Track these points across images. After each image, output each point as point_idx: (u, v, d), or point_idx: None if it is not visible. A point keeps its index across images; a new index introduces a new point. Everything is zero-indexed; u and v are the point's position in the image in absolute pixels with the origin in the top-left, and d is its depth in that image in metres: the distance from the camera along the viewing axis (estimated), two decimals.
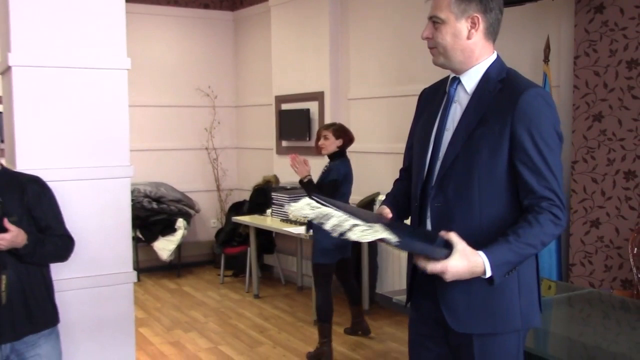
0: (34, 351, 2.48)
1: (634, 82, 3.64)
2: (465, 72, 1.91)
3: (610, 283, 3.79)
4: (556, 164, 1.81)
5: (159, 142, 7.35)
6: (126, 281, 2.98)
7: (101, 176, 2.85)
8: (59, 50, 2.82)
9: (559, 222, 1.79)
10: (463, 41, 1.87)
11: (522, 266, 1.85)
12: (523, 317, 1.88)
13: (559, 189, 1.80)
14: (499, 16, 1.90)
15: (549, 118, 1.80)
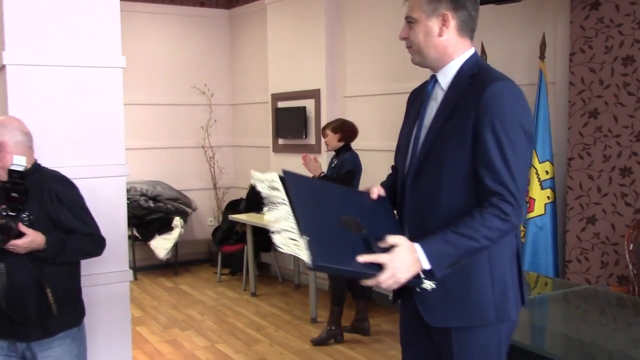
0: (46, 353, 2.48)
1: (630, 79, 3.65)
2: (441, 69, 1.94)
3: (606, 279, 3.80)
4: (516, 159, 1.77)
5: (155, 141, 7.33)
6: (122, 280, 2.98)
7: (97, 175, 2.85)
8: (53, 48, 2.81)
9: (506, 217, 1.77)
10: (435, 39, 1.90)
11: (494, 259, 1.85)
12: (497, 310, 1.87)
13: (513, 184, 1.76)
14: (473, 13, 1.91)
15: (513, 112, 1.78)
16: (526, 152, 1.81)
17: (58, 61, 2.82)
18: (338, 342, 4.72)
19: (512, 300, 1.90)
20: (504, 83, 1.81)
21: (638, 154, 3.63)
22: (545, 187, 3.98)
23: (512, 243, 1.91)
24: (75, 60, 2.85)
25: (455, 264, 1.81)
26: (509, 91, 1.80)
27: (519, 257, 1.93)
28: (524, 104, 1.82)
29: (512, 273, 1.91)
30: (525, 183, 1.83)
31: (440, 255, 1.78)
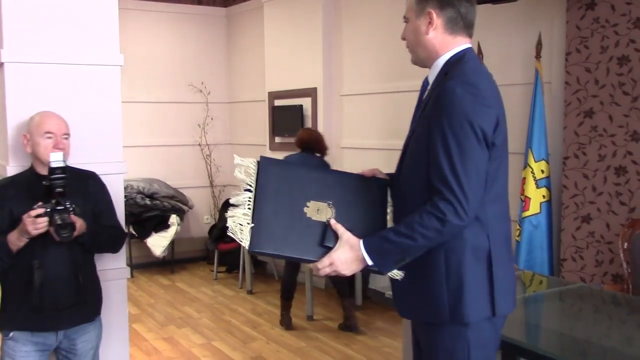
0: (84, 337, 2.66)
1: (625, 79, 3.67)
2: (431, 67, 1.98)
3: (601, 278, 3.82)
4: (462, 158, 1.76)
5: (152, 138, 7.33)
6: (120, 277, 2.99)
7: None
8: (51, 46, 2.82)
9: (443, 217, 1.75)
10: (423, 37, 1.94)
11: (450, 259, 1.84)
12: (451, 311, 1.85)
13: (455, 183, 1.75)
14: (462, 10, 1.91)
15: (462, 111, 1.76)
16: (476, 151, 1.77)
17: (56, 59, 2.82)
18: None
19: (473, 304, 1.85)
20: (457, 81, 1.81)
21: (633, 153, 3.66)
22: (541, 186, 4.00)
23: (480, 246, 1.86)
24: (74, 58, 2.85)
25: (399, 261, 1.85)
26: (462, 90, 1.78)
27: (490, 261, 1.86)
28: (478, 102, 1.78)
29: (474, 276, 1.85)
30: (474, 182, 1.77)
31: (380, 252, 1.84)
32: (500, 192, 1.92)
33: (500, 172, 1.89)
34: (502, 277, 1.89)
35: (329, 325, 5.12)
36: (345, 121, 6.02)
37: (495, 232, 1.89)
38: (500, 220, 1.92)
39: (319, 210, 1.91)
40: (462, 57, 1.92)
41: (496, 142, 1.83)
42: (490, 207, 1.87)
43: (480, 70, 1.91)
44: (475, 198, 1.78)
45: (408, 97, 5.24)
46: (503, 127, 1.86)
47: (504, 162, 1.91)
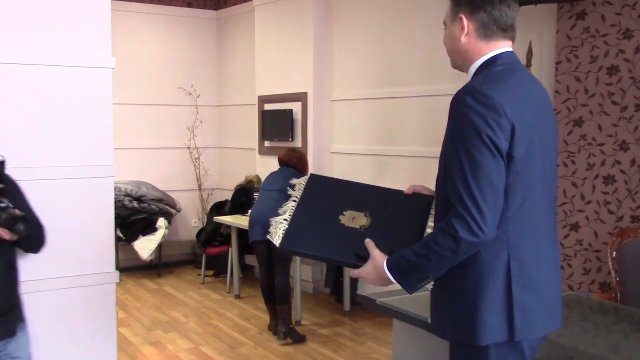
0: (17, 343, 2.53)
1: (614, 89, 3.70)
2: (468, 73, 1.91)
3: (589, 286, 3.84)
4: (474, 172, 1.68)
5: (140, 141, 7.30)
6: (108, 282, 2.97)
7: (85, 176, 2.83)
8: (43, 48, 2.80)
9: (456, 235, 1.68)
10: (457, 43, 1.89)
11: (467, 275, 1.78)
12: (464, 331, 1.79)
13: (469, 198, 1.67)
14: (496, 13, 1.84)
15: (471, 120, 1.70)
16: (489, 164, 1.68)
17: (48, 61, 2.80)
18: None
19: (486, 327, 1.76)
20: (467, 90, 1.75)
21: (621, 162, 3.68)
22: None
23: (498, 265, 1.76)
24: (66, 60, 2.83)
25: (423, 279, 1.80)
26: (471, 99, 1.71)
27: (510, 282, 1.76)
28: (488, 112, 1.69)
29: (490, 297, 1.76)
30: (490, 197, 1.68)
31: (402, 272, 1.82)
32: (526, 206, 1.78)
33: (523, 186, 1.76)
34: (526, 300, 1.78)
35: (317, 330, 5.11)
36: (335, 126, 6.02)
37: (520, 250, 1.78)
38: (527, 238, 1.79)
39: (355, 218, 1.97)
40: (494, 62, 1.84)
41: (515, 153, 1.71)
42: (513, 223, 1.76)
43: (503, 77, 1.79)
44: (492, 213, 1.69)
45: (399, 104, 5.25)
46: (524, 136, 1.73)
47: (529, 174, 1.77)
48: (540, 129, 1.80)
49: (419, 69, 4.89)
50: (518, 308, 1.76)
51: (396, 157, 5.26)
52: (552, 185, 1.90)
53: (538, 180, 1.80)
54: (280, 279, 4.86)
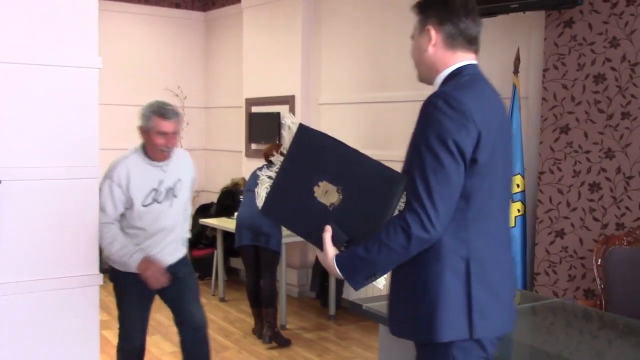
0: None
1: (600, 97, 3.72)
2: (433, 84, 1.98)
3: (573, 292, 3.86)
4: (434, 170, 1.74)
5: (126, 142, 7.17)
6: (92, 283, 2.94)
7: (69, 176, 2.80)
8: (28, 47, 2.76)
9: (408, 230, 1.73)
10: (424, 54, 1.95)
11: (428, 274, 1.81)
12: (425, 328, 1.83)
13: (425, 194, 1.73)
14: (461, 25, 1.91)
15: (439, 123, 1.76)
16: (449, 165, 1.74)
17: (32, 60, 2.76)
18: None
19: (447, 324, 1.81)
20: (439, 95, 1.80)
21: (607, 170, 3.71)
22: (516, 200, 4.03)
23: (458, 264, 1.82)
24: (51, 59, 2.79)
25: (370, 277, 1.84)
26: (442, 103, 1.77)
27: (470, 281, 1.82)
28: (457, 116, 1.75)
29: (450, 295, 1.81)
30: (447, 195, 1.74)
31: (350, 269, 1.84)
32: (487, 209, 1.86)
33: (484, 189, 1.83)
34: (484, 299, 1.83)
35: (302, 334, 5.09)
36: (323, 130, 5.99)
37: (479, 250, 1.84)
38: (486, 238, 1.86)
39: (327, 192, 1.94)
40: (460, 72, 1.92)
41: (479, 158, 1.78)
42: (474, 224, 1.83)
43: (471, 85, 1.87)
44: (446, 211, 1.75)
45: (386, 108, 5.25)
46: (488, 142, 1.80)
47: (491, 179, 1.85)
48: (502, 137, 1.87)
49: (407, 74, 4.89)
50: (477, 306, 1.82)
51: (383, 162, 5.25)
52: (508, 189, 1.99)
53: (498, 184, 1.88)
54: (266, 282, 4.84)
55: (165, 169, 3.38)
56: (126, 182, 3.26)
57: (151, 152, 3.35)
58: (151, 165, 3.36)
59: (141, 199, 3.28)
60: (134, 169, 3.30)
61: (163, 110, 3.30)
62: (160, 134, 3.28)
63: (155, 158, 3.35)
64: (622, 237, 3.46)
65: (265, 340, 4.81)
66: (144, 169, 3.34)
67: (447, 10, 1.90)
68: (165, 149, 3.30)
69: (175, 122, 3.31)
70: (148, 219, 3.30)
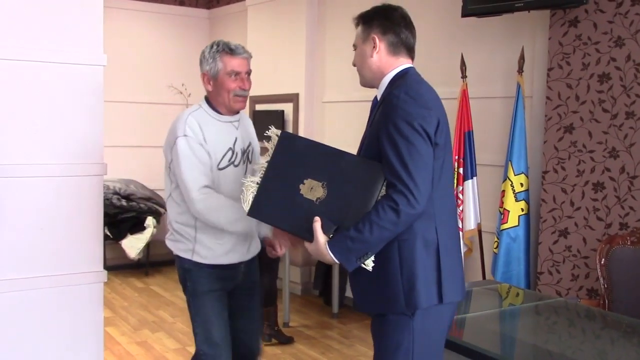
0: None
1: (605, 96, 3.72)
2: (378, 86, 2.22)
3: (576, 292, 3.86)
4: (410, 153, 1.95)
5: (129, 139, 7.26)
6: (96, 280, 2.95)
7: (74, 173, 2.81)
8: (34, 44, 2.77)
9: (397, 207, 1.94)
10: (368, 59, 2.20)
11: (402, 250, 2.02)
12: (406, 299, 2.03)
13: (406, 175, 1.94)
14: (403, 35, 2.17)
15: (405, 111, 1.99)
16: (422, 147, 1.97)
17: (38, 57, 2.78)
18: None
19: (423, 292, 2.03)
20: (400, 89, 2.04)
21: (611, 169, 3.70)
22: (520, 199, 4.03)
23: (429, 238, 2.04)
24: (56, 57, 2.81)
25: (362, 256, 2.02)
26: (405, 95, 2.01)
27: (439, 252, 2.05)
28: (419, 105, 2.00)
29: (425, 266, 2.04)
30: (424, 174, 1.97)
31: (344, 252, 2.02)
32: (446, 188, 2.13)
33: (444, 170, 2.09)
34: (449, 267, 2.08)
35: (304, 332, 5.10)
36: (326, 128, 6.03)
37: (443, 225, 2.08)
38: (447, 214, 2.12)
39: (312, 188, 2.10)
40: (405, 73, 2.15)
41: (439, 142, 2.03)
42: (438, 202, 2.06)
43: (421, 82, 2.14)
44: (425, 188, 1.97)
45: None
46: (444, 128, 2.07)
47: (447, 161, 2.11)
48: (445, 124, 2.11)
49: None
50: (445, 273, 2.06)
51: None
52: (450, 168, 2.22)
53: (450, 164, 2.17)
54: (266, 280, 4.84)
55: (236, 125, 2.77)
56: (203, 138, 2.61)
57: (222, 102, 2.69)
58: (221, 120, 2.71)
59: (218, 159, 2.65)
60: (206, 124, 2.65)
61: (233, 47, 2.68)
62: (233, 74, 2.66)
63: (227, 110, 2.72)
64: (625, 237, 3.46)
65: (264, 339, 4.82)
66: (215, 124, 2.69)
67: (389, 21, 2.17)
68: (242, 92, 2.68)
69: (248, 59, 2.73)
70: (224, 188, 2.64)
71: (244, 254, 2.83)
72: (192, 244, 2.75)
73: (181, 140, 2.56)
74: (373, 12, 2.22)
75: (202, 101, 2.74)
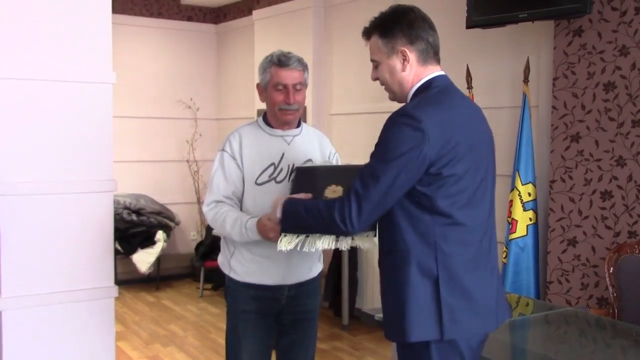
0: None
1: (611, 105, 3.73)
2: (406, 99, 2.08)
3: (586, 301, 3.85)
4: (376, 178, 1.90)
5: (139, 154, 7.31)
6: (107, 296, 2.98)
7: (84, 190, 2.85)
8: (44, 63, 2.82)
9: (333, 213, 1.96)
10: (399, 74, 2.04)
11: (398, 274, 1.93)
12: (395, 327, 1.95)
13: (355, 195, 1.92)
14: (430, 39, 2.02)
15: (394, 139, 1.90)
16: (392, 176, 1.88)
17: (48, 75, 2.82)
18: None
19: (415, 324, 1.90)
20: (400, 112, 1.92)
21: (618, 178, 3.70)
22: (528, 209, 4.04)
23: (426, 266, 1.91)
24: (66, 75, 2.86)
25: (296, 228, 2.14)
26: (401, 120, 1.90)
27: (438, 285, 1.90)
28: (415, 134, 1.86)
29: (419, 295, 1.90)
30: (375, 204, 1.91)
31: (287, 212, 2.13)
32: (456, 216, 1.93)
33: (450, 198, 1.91)
34: (454, 302, 1.91)
35: None
36: (334, 140, 6.01)
37: (449, 257, 1.92)
38: (457, 247, 1.93)
39: (335, 191, 2.29)
40: (429, 85, 2.00)
41: (443, 172, 1.88)
42: (442, 230, 1.91)
43: (436, 100, 1.96)
44: (368, 217, 1.93)
45: None
46: (453, 156, 1.89)
47: (458, 188, 1.92)
48: (473, 148, 1.95)
49: None
50: (446, 309, 1.90)
51: None
52: (485, 196, 2.02)
53: (467, 194, 1.94)
54: None
55: (289, 140, 2.66)
56: (239, 153, 2.61)
57: (272, 115, 2.65)
58: (271, 134, 2.66)
59: (255, 174, 2.59)
60: (248, 138, 2.63)
61: (283, 58, 2.57)
62: (279, 87, 2.57)
63: (276, 123, 2.65)
64: (634, 245, 3.45)
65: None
66: (262, 138, 2.64)
67: (414, 29, 1.99)
68: (286, 106, 2.57)
69: (299, 71, 2.59)
70: (263, 204, 2.51)
71: (284, 276, 2.61)
72: (229, 257, 2.66)
73: (219, 154, 2.68)
74: (391, 21, 2.02)
75: (262, 115, 2.73)
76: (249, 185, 2.58)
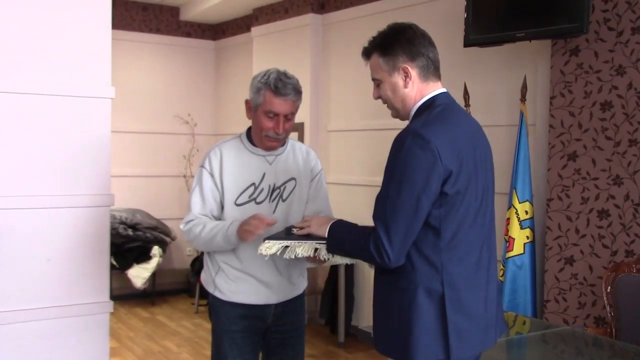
0: None
1: (608, 124, 3.74)
2: (408, 116, 2.07)
3: (583, 320, 3.84)
4: (396, 205, 1.86)
5: (136, 168, 7.31)
6: (102, 311, 2.96)
7: (81, 205, 2.84)
8: (43, 77, 2.82)
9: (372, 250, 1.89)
10: (401, 92, 2.03)
11: (403, 297, 1.91)
12: (394, 347, 1.94)
13: (383, 229, 1.87)
14: (431, 55, 2.03)
15: (404, 161, 1.87)
16: (411, 200, 1.85)
17: (46, 90, 2.83)
18: None
19: (421, 345, 1.88)
20: (408, 132, 1.90)
21: (615, 197, 3.71)
22: (525, 227, 4.04)
23: (432, 289, 1.90)
24: (64, 90, 2.86)
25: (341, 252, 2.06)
26: (410, 141, 1.87)
27: (444, 305, 1.89)
28: (425, 155, 1.84)
29: (426, 318, 1.89)
30: (401, 230, 1.86)
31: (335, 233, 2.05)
32: (458, 238, 1.93)
33: (455, 219, 1.91)
34: (459, 322, 1.91)
35: None
36: (331, 156, 6.05)
37: (453, 277, 1.92)
38: (460, 265, 1.93)
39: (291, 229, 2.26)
40: (432, 103, 2.00)
41: (448, 191, 1.87)
42: (446, 251, 1.91)
43: (441, 119, 1.95)
44: (402, 243, 1.87)
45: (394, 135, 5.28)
46: (459, 175, 1.89)
47: (463, 207, 1.92)
48: (476, 165, 1.96)
49: None
50: (453, 330, 1.89)
51: None
52: (486, 213, 2.02)
53: (472, 212, 1.95)
54: None
55: (271, 160, 2.59)
56: (219, 171, 2.53)
57: (256, 136, 2.59)
58: (254, 153, 2.59)
59: (235, 194, 2.53)
60: (229, 156, 2.56)
61: (279, 84, 2.49)
62: (270, 114, 2.50)
63: (260, 145, 2.59)
64: (631, 265, 3.45)
65: None
66: (243, 156, 2.57)
67: (414, 45, 2.00)
68: (274, 136, 2.51)
69: (293, 101, 2.52)
70: None
71: (270, 295, 2.57)
72: (213, 276, 2.63)
73: (199, 170, 2.58)
74: (391, 39, 2.02)
75: (245, 130, 2.68)
76: (228, 206, 2.53)
